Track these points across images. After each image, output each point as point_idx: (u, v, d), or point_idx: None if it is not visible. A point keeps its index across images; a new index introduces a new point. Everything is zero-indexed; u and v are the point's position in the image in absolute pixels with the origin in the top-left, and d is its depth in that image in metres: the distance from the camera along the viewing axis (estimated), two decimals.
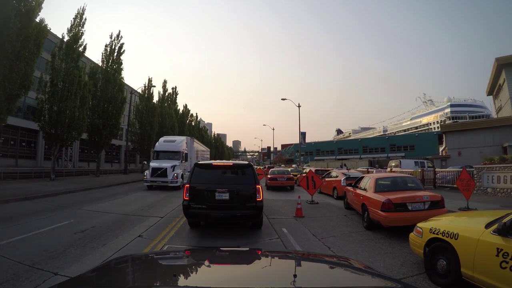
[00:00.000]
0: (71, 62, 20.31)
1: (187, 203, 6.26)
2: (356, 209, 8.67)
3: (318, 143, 77.18)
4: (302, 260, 2.02)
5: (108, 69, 25.99)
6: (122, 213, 8.96)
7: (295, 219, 8.48)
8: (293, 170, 22.20)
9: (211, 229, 7.15)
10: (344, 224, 7.80)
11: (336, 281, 1.57)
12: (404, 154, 57.14)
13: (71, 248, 5.51)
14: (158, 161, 17.16)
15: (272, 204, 11.29)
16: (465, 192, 10.02)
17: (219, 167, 6.82)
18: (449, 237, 3.98)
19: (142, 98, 37.33)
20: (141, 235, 6.49)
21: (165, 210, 9.80)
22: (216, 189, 6.21)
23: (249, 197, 6.35)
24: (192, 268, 1.81)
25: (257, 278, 1.58)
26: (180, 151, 17.94)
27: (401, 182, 7.77)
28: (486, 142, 28.88)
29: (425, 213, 6.50)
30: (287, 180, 16.92)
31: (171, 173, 16.46)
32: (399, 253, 5.57)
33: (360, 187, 8.26)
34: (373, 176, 7.80)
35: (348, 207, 9.93)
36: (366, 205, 7.22)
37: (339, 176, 12.95)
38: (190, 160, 19.30)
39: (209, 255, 2.11)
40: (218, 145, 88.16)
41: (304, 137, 35.07)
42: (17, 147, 29.38)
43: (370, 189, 7.42)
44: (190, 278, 1.54)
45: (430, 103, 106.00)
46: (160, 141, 19.27)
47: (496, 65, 33.22)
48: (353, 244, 6.08)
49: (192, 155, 20.33)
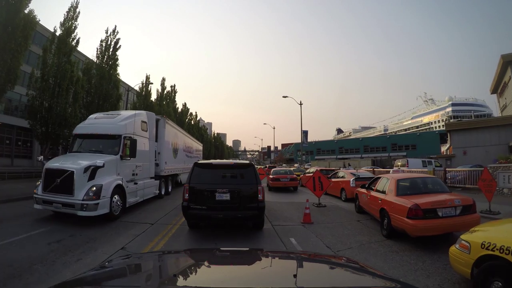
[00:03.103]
0: (63, 56, 19.37)
1: (186, 203, 6.08)
2: (371, 213, 7.74)
3: (319, 142, 76.31)
4: (302, 260, 1.98)
5: (103, 65, 24.99)
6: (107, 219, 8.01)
7: (303, 225, 7.51)
8: (295, 170, 21.17)
9: (211, 235, 6.28)
10: (359, 232, 6.85)
11: (337, 281, 1.57)
12: (406, 153, 56.73)
13: (39, 264, 4.61)
14: (68, 158, 8.35)
15: (276, 208, 10.34)
16: (487, 194, 9.20)
17: (220, 167, 6.61)
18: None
19: (140, 95, 36.34)
20: (124, 247, 5.55)
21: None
22: (217, 190, 6.02)
23: (250, 198, 6.16)
24: (193, 268, 1.78)
25: (258, 278, 1.57)
26: (121, 136, 8.63)
27: (424, 183, 6.84)
28: (492, 141, 28.13)
29: (456, 220, 5.62)
30: (290, 180, 15.88)
31: (85, 184, 7.29)
32: (431, 269, 4.67)
33: (377, 189, 7.32)
34: (393, 177, 6.85)
35: (360, 210, 9.00)
36: (386, 210, 6.28)
37: (348, 176, 11.99)
38: (160, 156, 12.08)
39: (210, 255, 2.08)
40: (217, 144, 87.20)
41: (306, 136, 34.07)
42: (12, 147, 28.61)
43: (390, 192, 6.48)
44: (191, 278, 1.54)
45: (431, 102, 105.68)
46: (90, 118, 10.04)
47: (502, 62, 32.35)
48: (375, 258, 5.15)
49: (164, 147, 12.48)
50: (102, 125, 9.11)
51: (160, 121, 12.56)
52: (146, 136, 10.49)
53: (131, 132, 9.24)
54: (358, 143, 71.70)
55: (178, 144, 15.35)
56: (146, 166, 10.50)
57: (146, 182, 10.33)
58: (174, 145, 14.46)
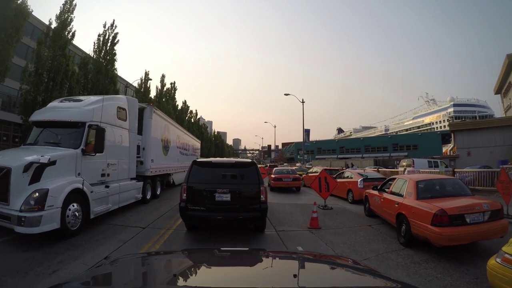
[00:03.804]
0: (58, 50, 18.68)
1: (184, 204, 5.77)
2: (384, 218, 7.07)
3: (319, 142, 75.66)
4: (303, 260, 1.94)
5: (101, 59, 24.34)
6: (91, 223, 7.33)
7: (310, 231, 6.79)
8: (297, 170, 20.46)
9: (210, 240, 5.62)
10: (373, 239, 6.17)
11: (337, 281, 1.55)
12: (407, 154, 56.36)
13: (9, 276, 3.97)
14: (14, 152, 6.82)
15: (279, 210, 9.66)
16: (505, 196, 8.73)
17: (220, 165, 6.32)
18: None
19: (138, 92, 35.65)
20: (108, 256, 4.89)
21: None
22: (216, 190, 5.70)
23: (252, 198, 5.84)
24: (193, 268, 1.75)
25: (258, 278, 1.55)
26: (85, 124, 6.81)
27: (446, 185, 6.19)
28: (496, 141, 27.55)
29: (485, 227, 4.98)
30: (293, 180, 15.14)
31: (25, 189, 5.34)
32: (462, 284, 4.06)
33: (393, 192, 6.66)
34: (411, 178, 6.17)
35: (370, 214, 8.34)
36: (405, 216, 5.62)
37: (355, 177, 11.29)
38: (145, 153, 10.07)
39: (210, 255, 2.06)
40: (218, 142, 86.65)
41: (308, 135, 33.37)
42: (9, 143, 28.08)
43: (409, 195, 5.82)
44: (191, 278, 1.52)
45: (432, 103, 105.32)
46: (53, 102, 8.25)
47: (507, 62, 31.74)
48: (396, 270, 4.51)
49: (150, 142, 10.33)
50: (64, 110, 7.05)
51: (146, 111, 10.30)
52: (124, 126, 8.36)
53: (99, 120, 7.08)
54: (359, 142, 71.27)
55: (170, 139, 13.31)
56: (124, 165, 8.36)
57: (123, 184, 8.19)
58: (165, 140, 12.46)
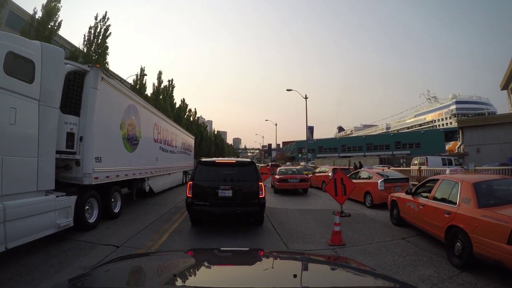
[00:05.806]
0: (43, 40, 17.25)
1: (190, 200, 6.31)
2: (425, 230, 5.60)
3: (320, 140, 74.45)
4: (303, 260, 1.91)
5: (91, 52, 22.98)
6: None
7: (333, 250, 5.31)
8: (303, 169, 18.88)
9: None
10: (416, 260, 4.70)
11: (337, 281, 1.54)
12: (410, 152, 55.65)
13: None
14: None
15: (288, 217, 8.17)
16: None
17: (222, 165, 6.93)
18: None
19: (134, 89, 34.20)
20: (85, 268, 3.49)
21: None
22: (219, 186, 6.24)
23: (252, 194, 6.39)
24: (193, 268, 1.74)
25: (258, 278, 1.53)
26: None
27: (506, 187, 4.83)
28: (506, 138, 26.44)
29: None
30: (300, 181, 13.57)
31: None
32: None
33: (436, 197, 5.27)
34: (464, 180, 4.72)
35: (399, 223, 6.96)
36: (463, 230, 4.20)
37: (374, 177, 9.81)
38: (82, 146, 6.32)
39: (210, 255, 2.04)
40: (218, 142, 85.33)
41: (312, 132, 31.87)
42: None
43: (466, 201, 4.41)
44: (191, 278, 1.50)
45: (434, 100, 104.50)
46: None
47: None
48: None
49: (96, 128, 6.57)
50: None
51: (89, 76, 6.49)
52: (27, 93, 4.65)
53: None
54: (361, 141, 70.27)
55: (141, 129, 9.51)
56: (21, 166, 4.56)
57: (19, 204, 4.44)
58: (129, 129, 8.60)
